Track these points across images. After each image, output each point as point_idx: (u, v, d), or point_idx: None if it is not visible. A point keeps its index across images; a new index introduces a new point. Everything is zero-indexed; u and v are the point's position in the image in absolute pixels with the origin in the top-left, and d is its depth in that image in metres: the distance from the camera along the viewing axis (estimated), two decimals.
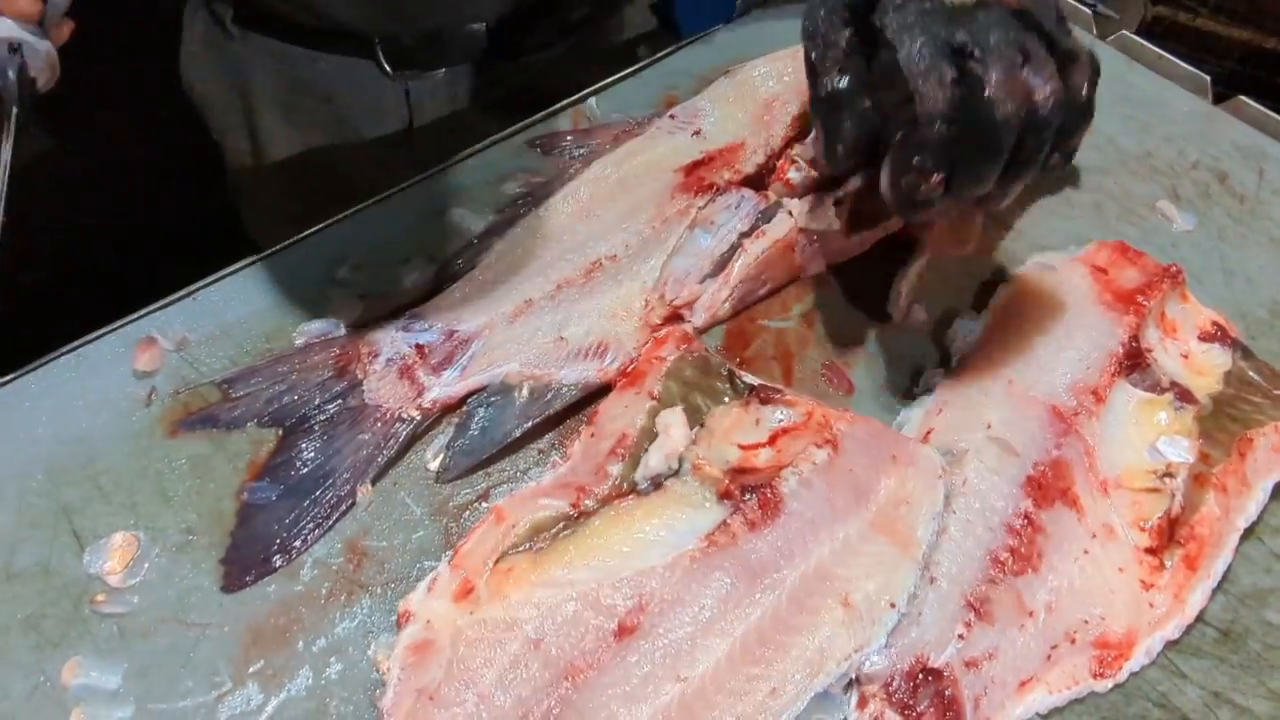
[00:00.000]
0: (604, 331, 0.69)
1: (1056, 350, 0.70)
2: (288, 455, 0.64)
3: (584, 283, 0.72)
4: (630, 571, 0.58)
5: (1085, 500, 0.63)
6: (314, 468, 0.64)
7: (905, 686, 0.57)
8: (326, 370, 0.68)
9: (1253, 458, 0.66)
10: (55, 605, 0.59)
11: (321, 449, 0.64)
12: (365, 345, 0.68)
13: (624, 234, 0.75)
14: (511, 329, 0.69)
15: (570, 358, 0.68)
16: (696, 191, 0.77)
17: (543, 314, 0.70)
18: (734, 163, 0.79)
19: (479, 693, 0.54)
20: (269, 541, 0.61)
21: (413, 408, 0.66)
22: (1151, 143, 0.89)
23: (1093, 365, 0.69)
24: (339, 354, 0.68)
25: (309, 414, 0.66)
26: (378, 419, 0.65)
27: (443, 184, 0.81)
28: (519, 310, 0.70)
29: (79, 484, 0.64)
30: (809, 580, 0.58)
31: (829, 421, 0.64)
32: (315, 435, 0.65)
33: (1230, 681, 0.59)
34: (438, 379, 0.67)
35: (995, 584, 0.60)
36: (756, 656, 0.56)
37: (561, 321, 0.70)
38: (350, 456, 0.64)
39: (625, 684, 0.55)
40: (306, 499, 0.62)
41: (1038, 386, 0.68)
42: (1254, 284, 0.79)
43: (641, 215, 0.76)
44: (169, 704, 0.56)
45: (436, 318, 0.70)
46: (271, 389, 0.67)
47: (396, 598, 0.59)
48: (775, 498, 0.60)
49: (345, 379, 0.67)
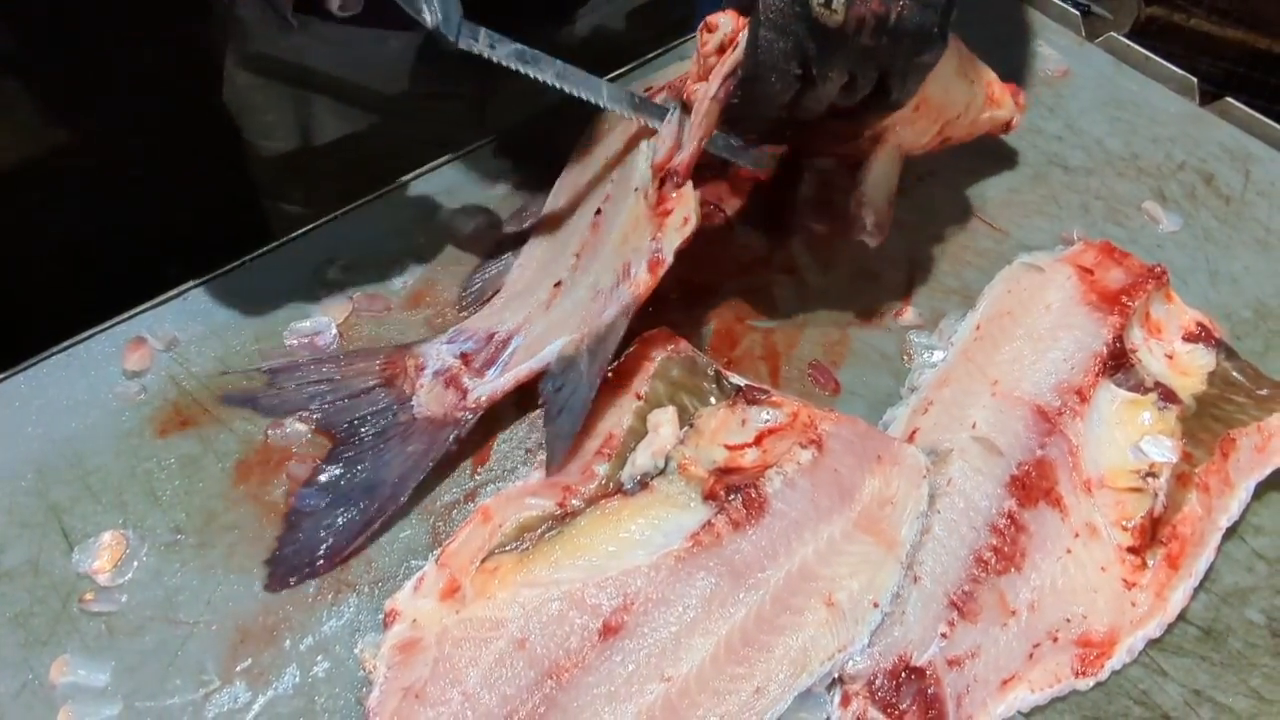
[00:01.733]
0: (622, 257, 0.68)
1: (1041, 350, 0.70)
2: (338, 464, 0.64)
3: (595, 237, 0.71)
4: (615, 571, 0.58)
5: (1069, 500, 0.64)
6: (364, 478, 0.64)
7: (888, 685, 0.57)
8: (372, 378, 0.68)
9: (1235, 457, 0.66)
10: (44, 604, 0.59)
11: (371, 461, 0.64)
12: (412, 358, 0.68)
13: (610, 175, 0.74)
14: (550, 314, 0.69)
15: (607, 299, 0.67)
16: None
17: (575, 287, 0.70)
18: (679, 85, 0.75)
19: (464, 691, 0.54)
20: (315, 546, 0.61)
21: (458, 410, 0.66)
22: (1138, 144, 0.90)
23: (1077, 365, 0.69)
24: (385, 364, 0.68)
25: (358, 423, 0.66)
26: (426, 430, 0.65)
27: (432, 184, 0.82)
28: (552, 296, 0.70)
29: (68, 483, 0.64)
30: (793, 580, 0.58)
31: (814, 422, 0.64)
32: (366, 446, 0.65)
33: (1211, 679, 0.60)
34: (481, 379, 0.67)
35: (978, 583, 0.60)
36: (740, 656, 0.56)
37: (594, 280, 0.69)
38: (399, 467, 0.64)
39: (610, 683, 0.55)
40: (355, 507, 0.62)
41: (1022, 386, 0.68)
42: (1239, 284, 0.80)
43: (618, 149, 0.75)
44: (156, 702, 0.56)
45: (479, 327, 0.70)
46: (314, 386, 0.67)
47: (383, 597, 0.60)
48: (759, 498, 0.60)
49: (393, 391, 0.67)
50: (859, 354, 0.74)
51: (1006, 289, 0.75)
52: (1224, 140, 0.90)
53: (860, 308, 0.77)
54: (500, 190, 0.82)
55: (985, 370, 0.70)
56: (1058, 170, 0.87)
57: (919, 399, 0.70)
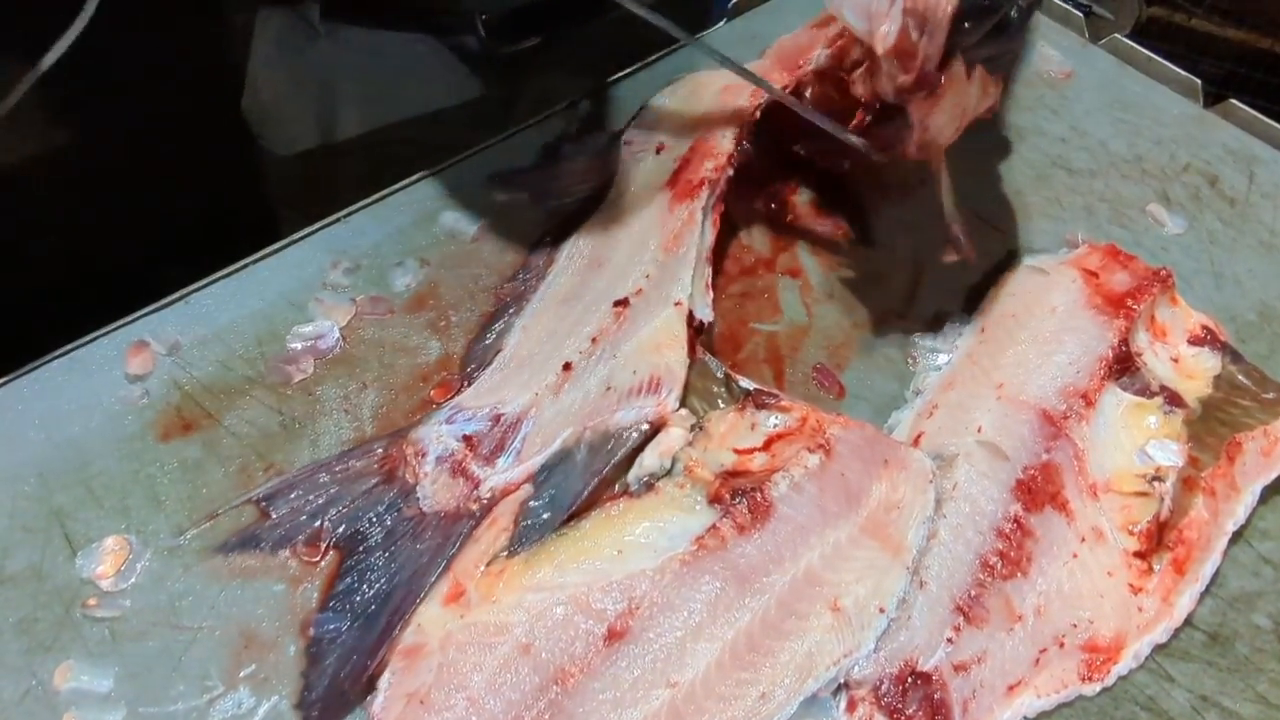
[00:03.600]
0: (652, 366, 0.66)
1: (1046, 354, 0.70)
2: (351, 579, 0.60)
3: (617, 329, 0.69)
4: (620, 575, 0.58)
5: (1074, 504, 0.64)
6: (379, 588, 0.59)
7: (894, 690, 0.57)
8: (372, 477, 0.64)
9: (1241, 461, 0.66)
10: (47, 609, 0.59)
11: (384, 567, 0.60)
12: (410, 446, 0.65)
13: (641, 267, 0.72)
14: (559, 400, 0.66)
15: (622, 400, 0.65)
16: (690, 196, 0.75)
17: (587, 375, 0.67)
18: (709, 154, 0.78)
19: (468, 696, 0.54)
20: (342, 676, 0.57)
21: (471, 503, 0.62)
22: (1142, 146, 0.89)
23: (1082, 369, 0.69)
24: (383, 458, 0.64)
25: (364, 529, 0.61)
26: (438, 525, 0.62)
27: (434, 187, 0.81)
28: (561, 379, 0.67)
29: (71, 487, 0.64)
30: (798, 585, 0.58)
31: (822, 426, 0.64)
32: (375, 552, 0.61)
33: (1218, 685, 0.60)
34: (493, 468, 0.63)
35: (984, 588, 0.60)
36: (746, 661, 0.56)
37: (608, 374, 0.67)
38: (413, 568, 0.60)
39: (615, 689, 0.55)
40: (376, 622, 0.58)
41: (1028, 390, 0.68)
42: (1244, 287, 0.79)
43: (650, 243, 0.73)
44: (160, 708, 0.56)
45: (479, 404, 0.66)
46: (314, 503, 0.63)
47: None
48: (765, 501, 0.60)
49: (395, 485, 0.63)
50: (863, 357, 0.74)
51: (1011, 292, 0.75)
52: (1228, 142, 0.90)
53: (864, 310, 0.76)
54: (504, 194, 0.81)
55: (990, 374, 0.70)
56: (1061, 172, 0.87)
57: (924, 402, 0.70)
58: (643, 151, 0.81)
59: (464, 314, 0.74)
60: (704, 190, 0.75)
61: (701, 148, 0.79)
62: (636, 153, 0.81)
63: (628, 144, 0.82)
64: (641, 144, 0.82)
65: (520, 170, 0.82)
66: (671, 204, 0.75)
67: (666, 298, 0.69)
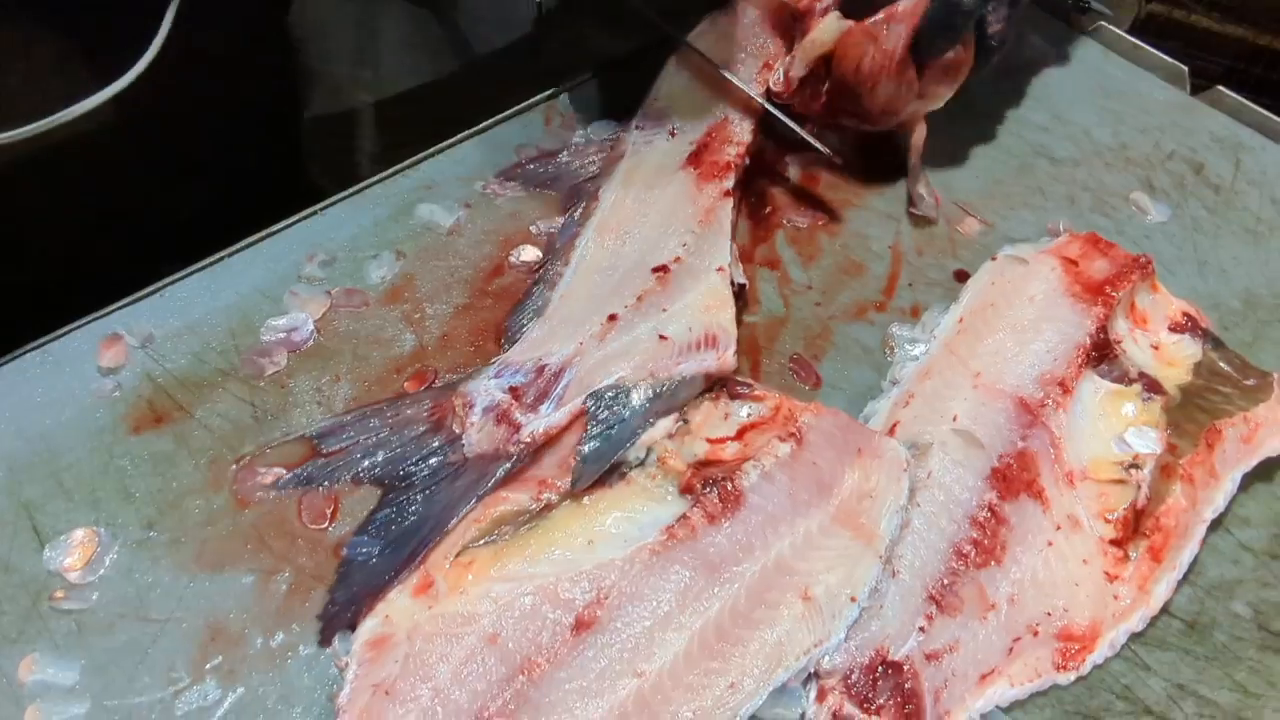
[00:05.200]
0: (705, 325, 0.68)
1: (1024, 342, 0.69)
2: (390, 510, 0.62)
3: (662, 290, 0.71)
4: (589, 565, 0.58)
5: (1051, 492, 0.63)
6: (415, 520, 0.62)
7: (865, 680, 0.56)
8: (421, 425, 0.66)
9: (1221, 449, 0.65)
10: (13, 601, 0.59)
11: (423, 502, 0.62)
12: (459, 398, 0.66)
13: (677, 237, 0.74)
14: (604, 347, 0.68)
15: (682, 353, 0.67)
16: (718, 176, 0.78)
17: (633, 325, 0.69)
18: (729, 139, 0.81)
19: (434, 687, 0.54)
20: (363, 594, 0.59)
21: (510, 445, 0.64)
22: (1127, 134, 0.89)
23: (1060, 357, 0.68)
24: (433, 407, 0.66)
25: (409, 470, 0.64)
26: (477, 466, 0.63)
27: (411, 179, 0.81)
28: (606, 328, 0.68)
29: (41, 480, 0.63)
30: (768, 574, 0.58)
31: (795, 415, 0.63)
32: (417, 490, 0.63)
33: (1195, 674, 0.59)
34: (535, 414, 0.65)
35: (957, 576, 0.59)
36: (715, 651, 0.56)
37: (658, 325, 0.68)
38: (445, 502, 0.62)
39: (582, 679, 0.54)
40: (405, 549, 0.60)
41: (1005, 379, 0.67)
42: (1228, 274, 0.79)
43: (682, 213, 0.76)
44: (125, 700, 0.55)
45: (524, 359, 0.68)
46: (365, 443, 0.65)
47: None
48: (735, 491, 0.59)
49: (442, 433, 0.65)
50: (840, 347, 0.73)
51: (990, 281, 0.74)
52: (1214, 129, 0.89)
53: (842, 301, 0.76)
54: (478, 186, 0.81)
55: (967, 362, 0.69)
56: (1044, 161, 0.86)
57: (900, 392, 0.69)
58: (654, 135, 0.83)
59: (439, 306, 0.74)
60: (731, 172, 0.79)
61: (721, 133, 0.82)
62: (648, 136, 0.83)
63: (639, 128, 0.84)
64: (652, 128, 0.84)
65: (531, 158, 0.84)
66: (699, 182, 0.78)
67: (709, 265, 0.72)
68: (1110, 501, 0.63)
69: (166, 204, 0.93)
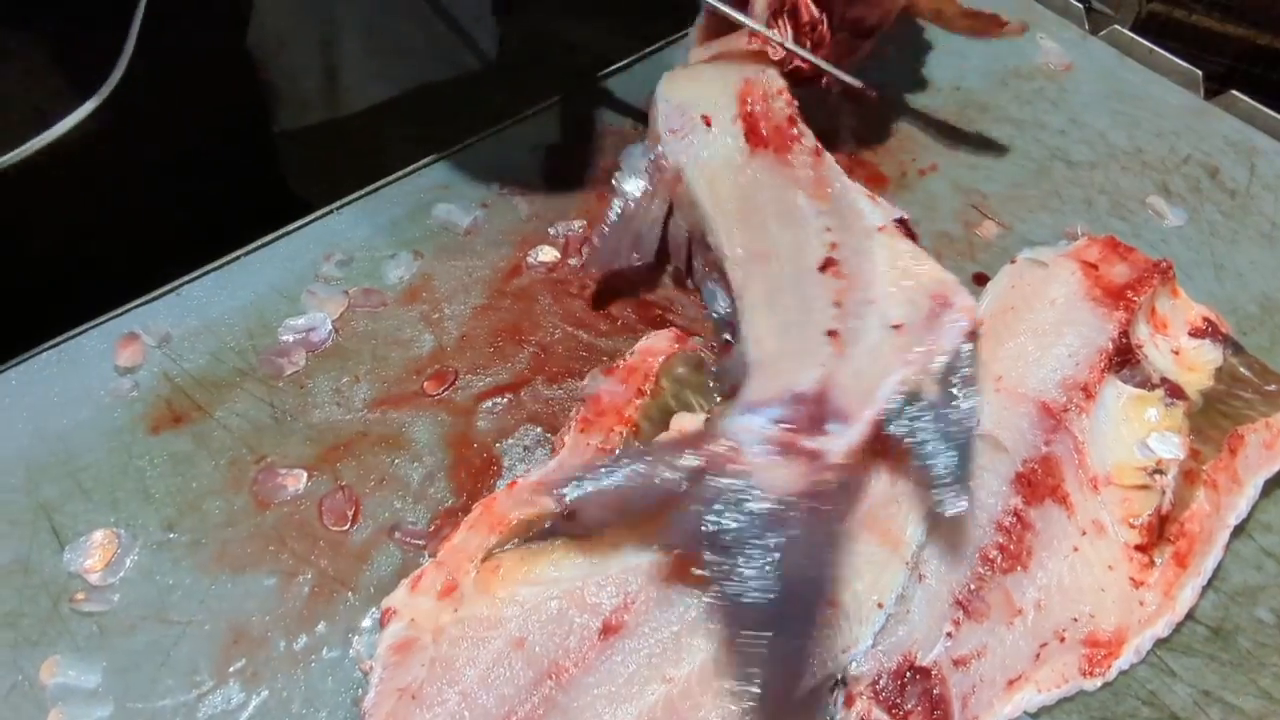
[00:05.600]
0: (923, 288, 0.66)
1: (1046, 346, 0.69)
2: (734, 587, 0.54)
3: (848, 285, 0.67)
4: (616, 569, 0.57)
5: (1075, 497, 0.63)
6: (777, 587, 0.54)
7: (892, 685, 0.56)
8: (700, 476, 0.57)
9: (1244, 454, 0.65)
10: (34, 603, 0.58)
11: (771, 564, 0.54)
12: (723, 441, 0.58)
13: (810, 225, 0.71)
14: (850, 360, 0.63)
15: (926, 331, 0.63)
16: (791, 140, 0.75)
17: (858, 328, 0.64)
18: (768, 94, 0.77)
19: (461, 691, 0.53)
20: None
21: (818, 474, 0.57)
22: (1142, 138, 0.89)
23: (1082, 361, 0.68)
24: (704, 457, 0.58)
25: (715, 529, 0.55)
26: (801, 507, 0.56)
27: (428, 179, 0.81)
28: (835, 346, 0.64)
29: (59, 481, 0.63)
30: None
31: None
32: (746, 552, 0.55)
33: (1220, 680, 0.59)
34: (826, 435, 0.59)
35: (984, 582, 0.59)
36: None
37: (882, 316, 0.65)
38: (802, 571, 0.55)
39: (610, 684, 0.54)
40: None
41: (1027, 383, 0.67)
42: (1245, 279, 0.79)
43: (798, 202, 0.72)
44: (148, 703, 0.55)
45: (768, 396, 0.61)
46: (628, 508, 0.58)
47: (380, 596, 0.58)
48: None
49: (727, 478, 0.57)
50: None
51: (1010, 284, 0.74)
52: (1228, 133, 0.89)
53: None
54: (495, 186, 0.81)
55: (989, 366, 0.69)
56: (1061, 164, 0.86)
57: None
58: (690, 132, 0.76)
59: (457, 306, 0.73)
60: (795, 125, 0.75)
61: (753, 92, 0.77)
62: (684, 136, 0.76)
63: (672, 131, 0.77)
64: (685, 126, 0.77)
65: (599, 236, 0.75)
66: (780, 157, 0.74)
67: (867, 230, 0.69)
68: (1134, 507, 0.63)
69: (152, 218, 0.92)
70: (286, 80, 0.99)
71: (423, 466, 0.65)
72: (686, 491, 0.56)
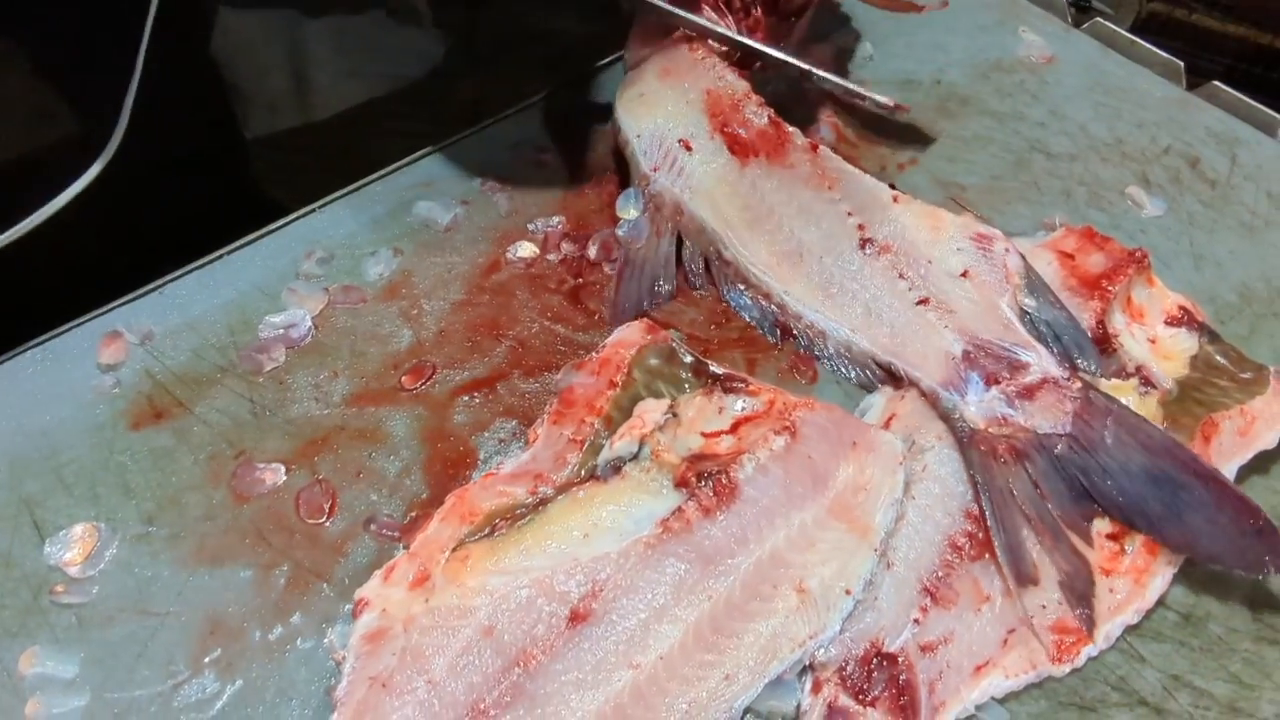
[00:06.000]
0: (963, 241, 0.72)
1: None
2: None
3: (894, 255, 0.71)
4: (585, 558, 0.58)
5: None
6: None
7: (859, 671, 0.56)
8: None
9: (1218, 441, 0.66)
10: (14, 596, 0.59)
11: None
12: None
13: (830, 214, 0.74)
14: (958, 317, 0.69)
15: (998, 287, 0.70)
16: (779, 140, 0.77)
17: (939, 291, 0.70)
18: (738, 101, 0.79)
19: (430, 680, 0.54)
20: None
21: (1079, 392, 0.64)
22: (1123, 129, 0.89)
23: None
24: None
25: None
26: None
27: (408, 178, 0.82)
28: (935, 312, 0.69)
29: (41, 476, 0.64)
30: (763, 566, 0.58)
31: (789, 409, 0.64)
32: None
33: (1190, 665, 0.59)
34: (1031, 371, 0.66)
35: (952, 569, 0.60)
36: (710, 643, 0.56)
37: (945, 268, 0.71)
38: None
39: (577, 671, 0.55)
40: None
41: None
42: (1223, 268, 0.79)
43: (805, 198, 0.75)
44: (125, 692, 0.56)
45: (947, 370, 0.67)
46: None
47: (354, 587, 0.59)
48: (730, 484, 0.60)
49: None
50: None
51: None
52: (1210, 124, 0.89)
53: None
54: (476, 183, 0.81)
55: None
56: (1040, 156, 0.86)
57: None
58: (674, 161, 0.77)
59: (436, 302, 0.74)
60: (779, 128, 0.78)
61: (720, 105, 0.78)
62: (669, 167, 0.77)
63: (656, 168, 0.77)
64: (666, 157, 0.78)
65: (617, 290, 0.75)
66: (776, 160, 0.76)
67: (884, 202, 0.74)
68: None
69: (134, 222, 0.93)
70: (254, 84, 0.99)
71: (399, 460, 0.66)
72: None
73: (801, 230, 0.74)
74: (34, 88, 0.78)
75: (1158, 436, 0.62)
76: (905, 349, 0.68)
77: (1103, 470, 0.61)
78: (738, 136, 0.77)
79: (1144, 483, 0.61)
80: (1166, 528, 0.60)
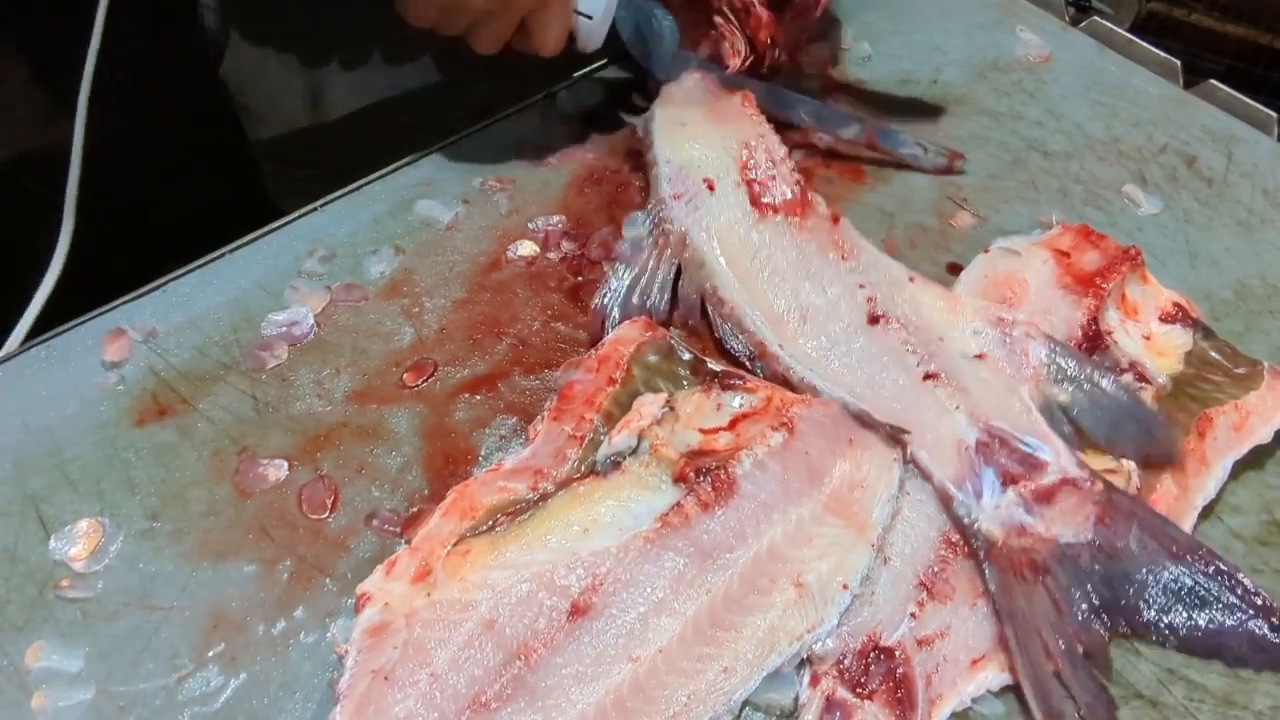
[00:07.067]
0: (983, 311, 0.71)
1: None
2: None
3: (904, 331, 0.70)
4: (585, 552, 0.58)
5: None
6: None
7: (857, 665, 0.57)
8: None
9: (1212, 436, 0.66)
10: (20, 590, 0.60)
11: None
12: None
13: (848, 282, 0.73)
14: (970, 396, 0.66)
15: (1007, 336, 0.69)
16: (802, 204, 0.77)
17: (951, 370, 0.68)
18: (769, 154, 0.80)
19: (432, 673, 0.55)
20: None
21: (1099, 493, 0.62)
22: (1119, 127, 0.89)
23: None
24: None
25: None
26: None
27: (410, 176, 0.82)
28: (945, 388, 0.67)
29: (46, 472, 0.64)
30: (761, 561, 0.58)
31: (787, 405, 0.64)
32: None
33: (1184, 658, 0.59)
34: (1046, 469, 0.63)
35: (948, 564, 0.60)
36: (708, 637, 0.56)
37: (959, 348, 0.69)
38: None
39: (577, 664, 0.55)
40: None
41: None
42: (1219, 266, 0.79)
43: (819, 262, 0.74)
44: (130, 686, 0.56)
45: (957, 463, 0.64)
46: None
47: (356, 582, 0.60)
48: (729, 479, 0.60)
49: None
50: None
51: (983, 273, 0.75)
52: (1206, 122, 0.90)
53: None
54: (477, 182, 0.82)
55: None
56: (1037, 155, 0.87)
57: None
58: (694, 196, 0.77)
59: (437, 300, 0.74)
60: (806, 196, 0.77)
61: (754, 158, 0.79)
62: (687, 200, 0.77)
63: (675, 196, 0.77)
64: (688, 190, 0.77)
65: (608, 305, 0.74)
66: (793, 220, 0.76)
67: (899, 282, 0.73)
68: None
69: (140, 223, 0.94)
70: (268, 104, 0.99)
71: (401, 456, 0.66)
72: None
73: (808, 294, 0.72)
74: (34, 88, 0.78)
75: (1182, 540, 0.61)
76: (912, 427, 0.65)
77: (1125, 578, 0.60)
78: (760, 193, 0.77)
79: (1169, 594, 0.60)
80: (1192, 639, 0.60)
